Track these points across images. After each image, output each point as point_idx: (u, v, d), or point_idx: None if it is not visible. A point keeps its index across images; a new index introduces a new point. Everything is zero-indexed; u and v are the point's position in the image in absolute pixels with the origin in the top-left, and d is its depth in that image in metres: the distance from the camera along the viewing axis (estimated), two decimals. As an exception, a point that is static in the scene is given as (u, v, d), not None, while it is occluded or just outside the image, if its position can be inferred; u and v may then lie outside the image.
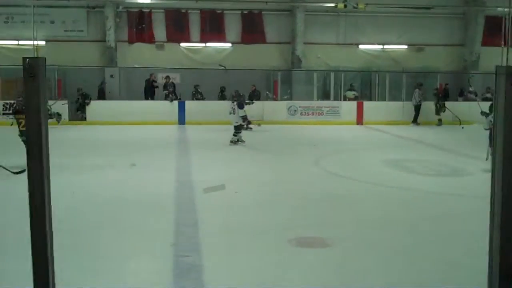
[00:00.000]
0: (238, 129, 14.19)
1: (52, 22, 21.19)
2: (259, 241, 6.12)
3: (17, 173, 9.06)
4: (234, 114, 14.12)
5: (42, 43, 21.25)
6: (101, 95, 20.94)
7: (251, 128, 14.64)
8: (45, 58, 2.38)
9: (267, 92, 18.06)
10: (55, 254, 2.60)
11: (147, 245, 5.95)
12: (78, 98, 19.30)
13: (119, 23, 21.66)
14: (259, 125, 15.36)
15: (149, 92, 20.53)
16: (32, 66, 2.32)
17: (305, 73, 22.46)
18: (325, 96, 22.28)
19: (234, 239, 6.20)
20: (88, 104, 19.01)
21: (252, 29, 22.35)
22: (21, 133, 10.34)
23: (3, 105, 19.48)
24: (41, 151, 2.37)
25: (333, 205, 8.01)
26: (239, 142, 14.06)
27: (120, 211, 7.42)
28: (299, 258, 5.61)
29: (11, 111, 17.77)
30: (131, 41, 21.77)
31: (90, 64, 21.10)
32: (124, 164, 10.90)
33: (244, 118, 14.50)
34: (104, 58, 21.72)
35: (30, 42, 20.95)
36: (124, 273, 5.10)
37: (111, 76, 21.26)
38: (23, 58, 2.34)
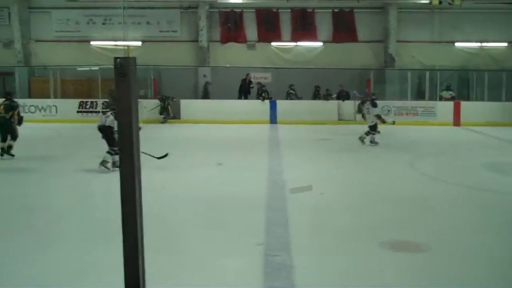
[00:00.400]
0: (373, 129, 14.33)
1: (148, 23, 22.75)
2: (349, 243, 6.27)
3: (160, 157, 10.05)
4: (369, 114, 14.42)
5: (138, 43, 22.90)
6: (206, 95, 22.13)
7: (379, 132, 14.65)
8: (135, 58, 2.56)
9: (355, 92, 18.90)
10: (145, 250, 2.76)
11: (238, 243, 6.26)
12: (160, 102, 20.15)
13: (212, 23, 23.04)
14: (393, 123, 15.46)
15: (244, 91, 21.48)
16: (123, 65, 2.46)
17: (398, 72, 22.75)
18: (419, 96, 22.33)
19: (324, 240, 6.40)
20: (169, 105, 19.78)
21: (344, 28, 22.90)
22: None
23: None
24: (132, 148, 2.51)
25: (428, 209, 8.00)
26: (372, 144, 14.20)
27: (212, 209, 7.86)
28: (391, 262, 5.69)
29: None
30: (223, 41, 23.05)
31: (184, 64, 22.41)
32: (216, 162, 11.54)
33: (378, 117, 14.51)
34: (197, 58, 23.14)
35: (126, 43, 23.23)
36: (214, 271, 5.38)
37: (204, 76, 22.56)
38: (114, 58, 2.51)
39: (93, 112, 21.10)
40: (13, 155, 11.98)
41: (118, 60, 2.48)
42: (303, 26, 22.99)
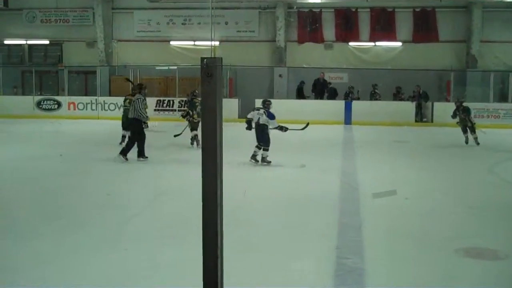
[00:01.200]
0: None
1: (226, 23, 24.74)
2: (424, 249, 6.50)
3: (303, 128, 12.54)
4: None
5: (216, 43, 24.69)
6: (301, 95, 23.71)
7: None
8: (221, 58, 2.72)
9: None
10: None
11: (311, 244, 6.71)
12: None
13: (289, 23, 24.78)
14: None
15: (319, 91, 23.19)
16: (209, 65, 2.63)
17: (480, 74, 23.58)
18: (502, 98, 23.07)
19: (397, 244, 6.66)
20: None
21: (424, 27, 24.11)
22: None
23: (179, 102, 25.03)
24: (216, 149, 2.70)
25: (507, 216, 8.18)
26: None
27: (287, 209, 8.45)
28: (467, 269, 5.88)
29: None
30: (300, 41, 24.83)
31: (260, 63, 24.35)
32: (291, 163, 12.50)
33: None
34: (273, 58, 24.97)
35: (206, 43, 24.62)
36: (286, 272, 5.79)
37: (280, 75, 24.36)
38: (201, 58, 2.66)
39: (170, 110, 23.63)
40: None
41: (205, 60, 2.65)
42: (382, 25, 24.35)
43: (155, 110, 23.88)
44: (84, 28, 26.98)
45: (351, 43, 25.18)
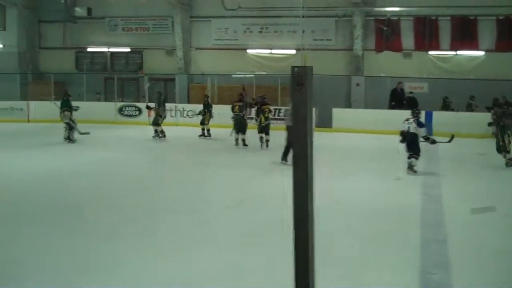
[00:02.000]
0: None
1: (303, 31, 26.66)
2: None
3: (450, 141, 12.93)
4: None
5: (293, 52, 25.52)
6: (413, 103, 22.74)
7: None
8: (312, 67, 2.69)
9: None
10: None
11: (392, 256, 6.72)
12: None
13: (367, 31, 24.76)
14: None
15: (397, 101, 22.76)
16: (300, 74, 2.63)
17: None
18: None
19: (485, 260, 6.57)
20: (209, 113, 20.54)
21: (509, 36, 23.44)
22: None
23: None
24: (307, 160, 2.68)
25: None
26: None
27: (366, 220, 8.57)
28: None
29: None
30: (378, 50, 24.71)
31: (337, 72, 24.30)
32: (367, 171, 12.71)
33: None
34: (350, 67, 24.95)
35: (282, 51, 25.27)
36: (363, 283, 5.83)
37: (357, 84, 24.26)
38: (291, 67, 2.66)
39: (247, 118, 24.64)
40: (246, 145, 17.17)
41: (296, 69, 2.64)
42: (464, 34, 23.83)
43: (232, 118, 24.09)
44: (164, 36, 27.72)
45: (430, 52, 24.79)
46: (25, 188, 10.94)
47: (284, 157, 13.79)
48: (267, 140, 17.03)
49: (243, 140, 17.65)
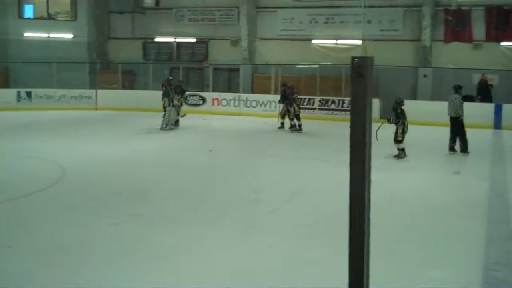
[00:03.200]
0: None
1: (369, 21, 24.29)
2: None
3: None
4: None
5: (359, 42, 25.16)
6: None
7: None
8: (373, 57, 2.70)
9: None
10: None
11: (455, 253, 6.63)
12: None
13: (436, 22, 24.13)
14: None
15: (481, 93, 21.95)
16: (360, 65, 2.60)
17: None
18: None
19: None
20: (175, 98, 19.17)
21: None
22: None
23: (319, 101, 25.28)
24: (364, 151, 2.66)
25: None
26: None
27: (426, 214, 8.47)
28: None
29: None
30: (447, 41, 24.07)
31: (404, 63, 23.86)
32: (435, 166, 12.54)
33: None
34: (417, 58, 24.46)
35: (348, 41, 24.93)
36: (426, 280, 5.75)
37: (424, 76, 23.75)
38: (351, 57, 2.63)
39: (310, 109, 24.02)
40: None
41: (356, 60, 2.62)
42: None
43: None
44: (229, 27, 27.95)
45: (502, 43, 23.99)
46: (90, 174, 11.33)
47: (451, 147, 14.30)
48: (300, 125, 18.80)
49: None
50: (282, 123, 19.60)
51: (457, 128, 14.43)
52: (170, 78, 20.85)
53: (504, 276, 5.79)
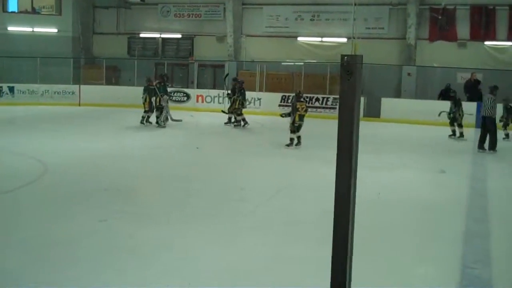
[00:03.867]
0: None
1: (355, 19, 26.41)
2: None
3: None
4: None
5: (344, 40, 25.14)
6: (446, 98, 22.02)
7: None
8: (362, 56, 2.69)
9: None
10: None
11: (433, 250, 6.72)
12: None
13: (421, 20, 24.35)
14: None
15: (471, 92, 22.03)
16: (350, 63, 2.61)
17: None
18: None
19: None
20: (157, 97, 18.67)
21: None
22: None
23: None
24: (352, 149, 2.67)
25: None
26: None
27: (409, 213, 8.54)
28: None
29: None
30: (431, 39, 24.20)
31: (388, 61, 23.94)
32: (419, 165, 12.55)
33: None
34: (402, 56, 24.65)
35: (333, 39, 25.14)
36: (407, 277, 5.88)
37: (408, 74, 23.91)
38: (341, 55, 2.64)
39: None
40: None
41: (346, 57, 2.63)
42: None
43: (279, 105, 24.33)
44: (215, 23, 27.95)
45: (486, 42, 24.23)
46: (74, 170, 11.28)
47: (481, 145, 14.58)
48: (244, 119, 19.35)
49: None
50: (230, 118, 19.91)
51: (489, 127, 14.72)
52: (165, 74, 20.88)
53: (480, 274, 5.91)
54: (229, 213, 8.31)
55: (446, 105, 18.55)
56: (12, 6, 28.59)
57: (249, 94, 23.80)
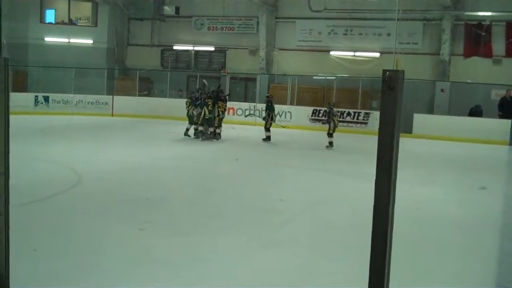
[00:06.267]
0: None
1: (389, 34, 24.81)
2: None
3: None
4: None
5: (377, 55, 25.42)
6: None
7: None
8: (403, 71, 2.71)
9: None
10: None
11: (466, 268, 6.63)
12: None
13: (455, 36, 24.23)
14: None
15: (507, 110, 21.71)
16: (392, 78, 2.66)
17: None
18: None
19: None
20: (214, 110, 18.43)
21: None
22: None
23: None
24: (391, 164, 2.71)
25: None
26: None
27: (443, 229, 8.42)
28: None
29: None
30: (466, 55, 24.06)
31: (421, 77, 23.56)
32: (452, 182, 12.46)
33: None
34: (435, 71, 24.51)
35: (366, 54, 25.07)
36: None
37: (442, 90, 23.72)
38: (383, 70, 2.67)
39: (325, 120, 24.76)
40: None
41: (387, 72, 2.66)
42: None
43: (310, 119, 24.37)
44: (248, 36, 28.19)
45: (523, 59, 23.58)
46: (105, 180, 11.37)
47: None
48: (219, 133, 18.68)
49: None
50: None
51: None
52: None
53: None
54: (261, 225, 8.30)
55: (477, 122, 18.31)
56: (50, 17, 29.19)
57: (280, 108, 24.02)
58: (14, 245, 3.93)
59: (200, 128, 18.37)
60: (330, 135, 17.44)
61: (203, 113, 18.15)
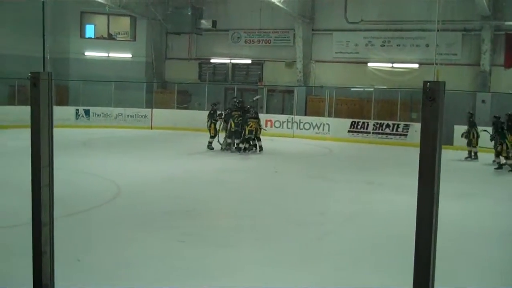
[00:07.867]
0: None
1: (427, 45, 24.56)
2: None
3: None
4: None
5: (415, 66, 25.07)
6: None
7: None
8: (444, 82, 2.69)
9: None
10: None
11: (488, 277, 6.71)
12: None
13: (496, 46, 23.84)
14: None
15: None
16: (432, 89, 2.63)
17: None
18: None
19: None
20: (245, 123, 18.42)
21: None
22: None
23: (373, 125, 24.80)
24: (434, 176, 2.68)
25: None
26: None
27: (485, 241, 8.42)
28: None
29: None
30: (507, 66, 23.55)
31: (461, 88, 23.28)
32: (493, 194, 12.44)
33: None
34: (475, 82, 24.09)
35: (405, 65, 24.84)
36: None
37: (482, 101, 23.38)
38: (424, 81, 2.66)
39: (364, 132, 24.54)
40: None
41: (428, 84, 2.65)
42: None
43: (349, 131, 24.26)
44: (285, 49, 28.19)
45: None
46: (144, 193, 11.53)
47: None
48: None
49: None
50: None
51: None
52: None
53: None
54: (300, 238, 8.30)
55: None
56: (89, 32, 29.79)
57: (317, 120, 23.99)
58: (58, 255, 3.98)
59: (229, 140, 18.38)
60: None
61: (229, 125, 18.15)
